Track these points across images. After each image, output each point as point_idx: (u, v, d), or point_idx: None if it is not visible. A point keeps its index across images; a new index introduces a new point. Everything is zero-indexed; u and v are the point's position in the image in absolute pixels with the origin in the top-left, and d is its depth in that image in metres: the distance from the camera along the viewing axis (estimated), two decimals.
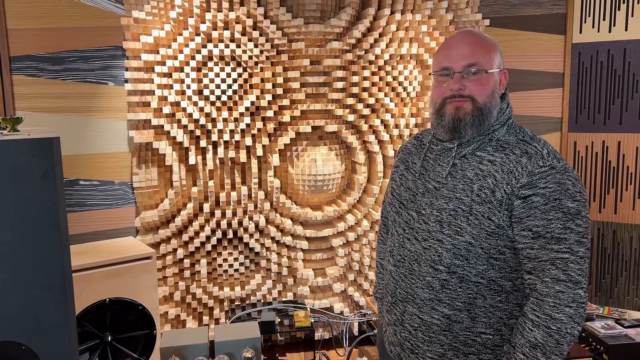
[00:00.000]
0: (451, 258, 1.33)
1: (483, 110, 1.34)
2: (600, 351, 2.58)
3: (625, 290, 3.40)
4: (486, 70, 1.34)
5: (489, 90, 1.34)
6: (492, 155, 1.34)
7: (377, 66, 3.05)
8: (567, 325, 1.23)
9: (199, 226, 3.00)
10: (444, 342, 1.37)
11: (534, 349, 1.25)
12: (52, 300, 1.20)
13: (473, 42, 1.35)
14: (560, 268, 1.23)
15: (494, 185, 1.29)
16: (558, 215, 1.23)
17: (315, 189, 3.06)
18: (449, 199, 1.35)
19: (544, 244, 1.25)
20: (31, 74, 2.82)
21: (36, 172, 1.16)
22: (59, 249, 1.17)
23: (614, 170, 3.36)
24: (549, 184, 1.25)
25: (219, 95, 2.89)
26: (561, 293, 1.23)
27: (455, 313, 1.35)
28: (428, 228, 1.37)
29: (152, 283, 2.65)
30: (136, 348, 2.62)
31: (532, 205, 1.25)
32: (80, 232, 2.95)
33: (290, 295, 3.18)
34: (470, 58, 1.33)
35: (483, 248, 1.30)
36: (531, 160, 1.28)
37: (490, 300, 1.33)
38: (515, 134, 1.37)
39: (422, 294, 1.38)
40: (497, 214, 1.28)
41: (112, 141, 2.96)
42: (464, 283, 1.33)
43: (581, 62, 3.37)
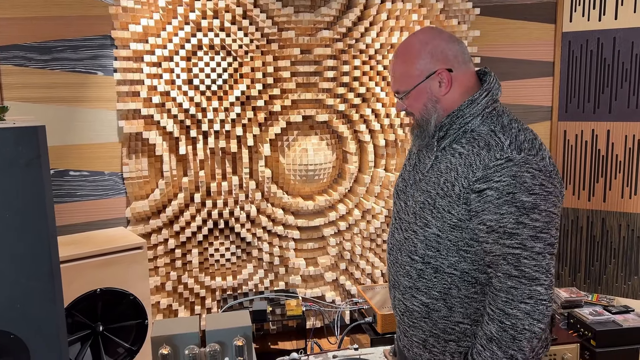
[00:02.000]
0: (424, 249, 1.35)
1: (420, 122, 1.41)
2: (588, 337, 2.61)
3: (613, 278, 3.44)
4: (409, 90, 1.38)
5: (420, 105, 1.38)
6: (463, 147, 1.32)
7: (368, 55, 3.05)
8: (523, 322, 1.21)
9: (190, 216, 3.00)
10: (425, 329, 1.40)
11: (490, 342, 1.26)
12: (40, 289, 1.20)
13: (394, 65, 1.41)
14: (512, 264, 1.22)
15: (455, 178, 1.29)
16: (511, 209, 1.21)
17: (307, 178, 3.06)
18: (422, 192, 1.37)
19: (496, 239, 1.23)
20: (19, 63, 2.79)
21: (21, 161, 1.16)
22: (46, 238, 1.17)
23: (603, 159, 3.38)
24: (503, 177, 1.22)
25: (209, 84, 2.88)
26: (514, 289, 1.22)
27: (432, 302, 1.37)
28: (408, 219, 1.40)
29: (143, 273, 2.65)
30: (128, 338, 2.63)
31: (487, 199, 1.23)
32: (71, 223, 2.94)
33: (282, 284, 3.20)
34: (395, 85, 1.41)
35: (450, 240, 1.31)
36: (490, 152, 1.25)
37: (464, 291, 1.34)
38: (489, 124, 1.33)
39: (403, 281, 1.42)
40: (455, 208, 1.28)
41: (102, 131, 2.95)
42: (439, 274, 1.34)
43: (571, 50, 3.38)
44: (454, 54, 1.35)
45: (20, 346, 1.19)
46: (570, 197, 3.50)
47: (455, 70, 1.35)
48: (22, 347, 1.19)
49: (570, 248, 3.55)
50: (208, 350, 2.00)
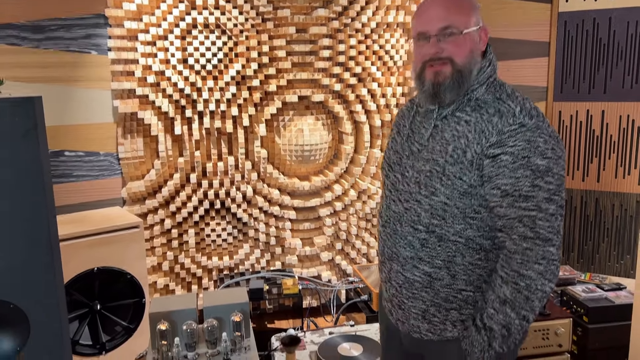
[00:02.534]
0: (429, 218, 1.35)
1: (462, 71, 1.33)
2: (581, 313, 2.65)
3: (606, 257, 3.47)
4: (462, 30, 1.32)
5: (467, 51, 1.33)
6: (469, 115, 1.34)
7: (364, 34, 3.04)
8: (536, 282, 1.25)
9: (186, 196, 3.01)
10: (426, 299, 1.41)
11: (503, 304, 1.28)
12: (39, 259, 1.20)
13: (447, 3, 1.34)
14: (528, 225, 1.24)
15: (466, 145, 1.30)
16: (526, 173, 1.23)
17: (303, 159, 3.06)
18: (426, 161, 1.37)
19: (512, 202, 1.25)
20: (11, 42, 2.76)
21: (18, 132, 1.16)
22: (45, 208, 1.17)
23: (598, 139, 3.39)
24: (518, 142, 1.25)
25: (203, 64, 2.87)
26: (529, 250, 1.25)
27: (435, 271, 1.38)
28: (409, 189, 1.40)
29: (140, 252, 2.66)
30: (125, 316, 2.64)
31: (501, 164, 1.25)
32: (67, 204, 2.94)
33: (279, 264, 3.22)
34: (444, 20, 1.32)
35: (458, 208, 1.32)
36: (502, 118, 1.28)
37: (469, 258, 1.35)
38: (494, 92, 1.35)
39: (404, 252, 1.42)
40: (467, 174, 1.29)
41: (97, 111, 2.93)
42: (443, 242, 1.35)
43: (567, 30, 3.37)
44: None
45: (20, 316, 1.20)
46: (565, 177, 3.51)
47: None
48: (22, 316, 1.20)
49: (563, 228, 3.57)
50: (206, 326, 2.02)
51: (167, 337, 1.99)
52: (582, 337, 2.65)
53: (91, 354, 2.55)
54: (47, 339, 1.25)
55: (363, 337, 2.38)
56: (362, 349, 2.29)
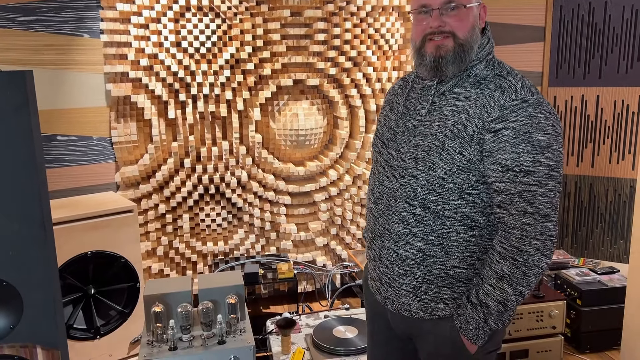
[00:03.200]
0: (425, 193, 1.35)
1: (464, 45, 1.33)
2: (575, 297, 2.66)
3: (600, 242, 3.49)
4: (465, 5, 1.32)
5: (469, 25, 1.33)
6: (468, 91, 1.34)
7: (359, 18, 3.01)
8: (534, 258, 1.25)
9: (180, 181, 2.99)
10: (418, 276, 1.40)
11: (500, 280, 1.28)
12: (31, 236, 1.19)
13: None
14: (528, 201, 1.24)
15: (467, 120, 1.30)
16: (527, 148, 1.24)
17: (297, 144, 3.05)
18: (424, 136, 1.36)
19: (512, 177, 1.25)
20: (2, 25, 2.72)
21: (9, 106, 1.14)
22: (36, 184, 1.15)
23: (592, 124, 3.40)
24: (519, 117, 1.25)
25: (197, 47, 2.84)
26: (528, 225, 1.25)
27: (429, 247, 1.37)
28: (405, 165, 1.39)
29: (134, 236, 2.64)
30: (120, 301, 2.64)
31: (502, 138, 1.25)
32: (60, 189, 2.91)
33: (274, 249, 3.21)
34: None
35: (456, 183, 1.32)
36: (504, 94, 1.28)
37: (463, 234, 1.35)
38: (493, 69, 1.36)
39: (397, 228, 1.41)
40: (468, 149, 1.29)
41: (89, 95, 2.90)
42: (438, 218, 1.35)
43: (562, 15, 3.36)
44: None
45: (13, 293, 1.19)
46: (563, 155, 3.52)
47: None
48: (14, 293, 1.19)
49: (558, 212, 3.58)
50: (201, 308, 2.01)
51: (161, 319, 1.99)
52: (576, 320, 2.67)
53: (85, 338, 2.54)
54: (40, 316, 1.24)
55: (358, 319, 2.38)
56: (357, 332, 2.30)
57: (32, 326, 1.22)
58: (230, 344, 1.98)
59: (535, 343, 2.44)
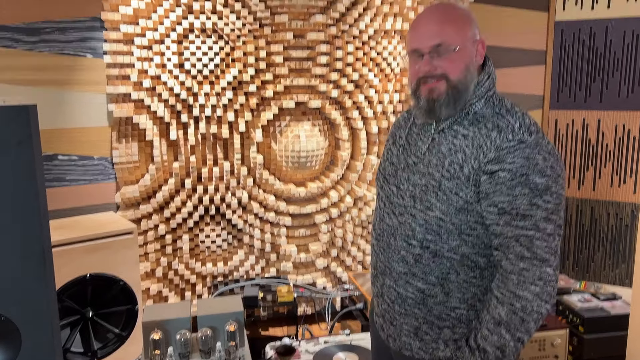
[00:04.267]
0: (424, 233, 1.32)
1: (458, 87, 1.30)
2: (577, 323, 2.64)
3: (601, 266, 3.48)
4: (455, 47, 1.28)
5: (462, 66, 1.29)
6: (467, 129, 1.31)
7: (362, 41, 3.03)
8: (532, 304, 1.21)
9: (180, 202, 2.98)
10: (419, 316, 1.37)
11: (498, 326, 1.24)
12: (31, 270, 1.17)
13: (440, 19, 1.30)
14: (525, 245, 1.21)
15: (463, 160, 1.27)
16: (524, 191, 1.20)
17: (299, 165, 3.05)
18: (422, 175, 1.34)
19: (509, 220, 1.22)
20: (6, 45, 2.73)
21: (12, 141, 1.13)
22: (38, 219, 1.14)
23: (594, 148, 3.40)
24: (516, 159, 1.21)
25: (200, 69, 2.85)
26: (525, 270, 1.21)
27: (429, 287, 1.35)
28: (404, 203, 1.37)
29: (134, 258, 2.63)
30: (118, 323, 2.61)
31: (499, 180, 1.22)
32: (60, 208, 2.90)
33: (274, 271, 3.19)
34: (437, 37, 1.28)
35: (454, 224, 1.29)
36: (501, 134, 1.25)
37: (463, 275, 1.32)
38: (493, 107, 1.32)
39: (397, 267, 1.38)
40: (464, 190, 1.26)
41: (91, 115, 2.90)
42: (437, 258, 1.32)
43: (564, 39, 3.38)
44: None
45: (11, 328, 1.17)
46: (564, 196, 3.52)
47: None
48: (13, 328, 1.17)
49: None
50: (200, 335, 1.99)
51: (160, 346, 1.97)
52: (578, 347, 2.64)
53: None
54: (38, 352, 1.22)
55: (358, 346, 2.36)
56: (357, 359, 2.27)
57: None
58: None
59: None
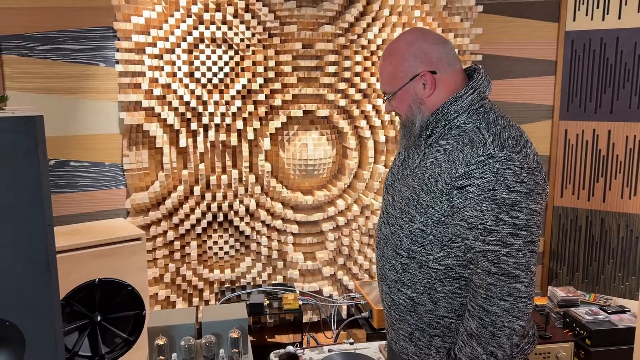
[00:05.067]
0: (409, 244, 1.36)
1: (405, 123, 1.43)
2: (584, 336, 2.62)
3: (611, 278, 3.44)
4: (394, 93, 1.40)
5: (406, 105, 1.41)
6: (448, 143, 1.33)
7: (370, 51, 3.05)
8: (502, 319, 1.22)
9: (189, 209, 3.02)
10: (411, 322, 1.41)
11: (470, 338, 1.27)
12: (36, 278, 1.21)
13: (382, 69, 1.43)
14: (492, 260, 1.22)
15: (438, 175, 1.30)
16: (491, 206, 1.21)
17: (306, 173, 3.07)
18: (408, 187, 1.38)
19: (477, 235, 1.24)
20: (21, 53, 2.80)
21: (19, 151, 1.17)
22: (43, 228, 1.17)
23: (604, 159, 3.38)
24: (484, 174, 1.22)
25: (210, 77, 2.89)
26: (493, 286, 1.23)
27: (417, 296, 1.38)
28: (395, 214, 1.41)
29: (142, 264, 2.66)
30: (125, 328, 2.64)
31: (468, 195, 1.23)
32: (71, 213, 2.96)
33: (280, 278, 3.21)
34: (382, 87, 1.44)
35: (435, 235, 1.31)
36: (472, 149, 1.26)
37: (449, 286, 1.34)
38: (475, 120, 1.33)
39: (390, 275, 1.43)
40: (438, 204, 1.28)
41: (103, 122, 2.95)
42: (423, 268, 1.35)
43: (574, 50, 3.37)
44: (439, 56, 1.36)
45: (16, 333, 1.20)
46: (570, 197, 3.50)
47: (439, 72, 1.36)
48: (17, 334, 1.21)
49: (568, 248, 3.55)
50: (204, 342, 2.02)
51: (164, 352, 1.99)
52: None
53: None
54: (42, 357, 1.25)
55: (362, 355, 2.36)
56: None
57: None
58: None
59: None
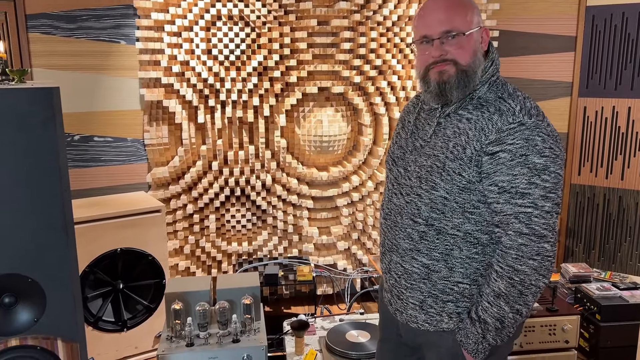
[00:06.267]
0: (428, 211, 1.40)
1: (467, 71, 1.35)
2: (594, 311, 2.64)
3: (628, 256, 3.42)
4: (464, 32, 1.34)
5: (471, 52, 1.36)
6: (470, 113, 1.38)
7: (385, 27, 3.06)
8: (530, 277, 1.29)
9: (208, 183, 3.11)
10: (424, 290, 1.45)
11: (497, 298, 1.32)
12: (55, 238, 1.30)
13: (447, 6, 1.35)
14: (524, 222, 1.28)
15: (466, 142, 1.34)
16: (523, 170, 1.27)
17: (321, 149, 3.12)
18: (428, 156, 1.42)
19: (508, 199, 1.29)
20: (46, 31, 2.90)
21: (37, 120, 1.25)
22: (60, 192, 1.27)
23: (623, 136, 3.34)
24: (516, 140, 1.28)
25: (227, 55, 2.95)
26: (524, 246, 1.28)
27: (433, 263, 1.42)
28: (410, 183, 1.44)
29: (162, 235, 2.78)
30: (146, 296, 2.77)
31: (499, 161, 1.29)
32: (95, 187, 3.08)
33: (296, 251, 3.30)
34: (446, 24, 1.34)
35: (457, 202, 1.36)
36: (502, 117, 1.31)
37: (466, 251, 1.39)
38: (496, 91, 1.38)
39: (403, 244, 1.46)
40: (467, 170, 1.33)
41: (125, 99, 3.05)
42: (441, 235, 1.40)
43: (595, 25, 3.31)
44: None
45: (37, 289, 1.31)
46: (588, 175, 3.48)
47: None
48: (38, 290, 1.31)
49: (585, 225, 3.54)
50: (217, 308, 2.12)
51: (180, 316, 2.10)
52: (594, 335, 2.64)
53: (113, 330, 2.69)
54: (61, 312, 1.35)
55: (371, 324, 2.43)
56: (370, 337, 2.35)
57: (54, 320, 1.34)
58: (244, 342, 2.07)
59: (547, 357, 2.44)
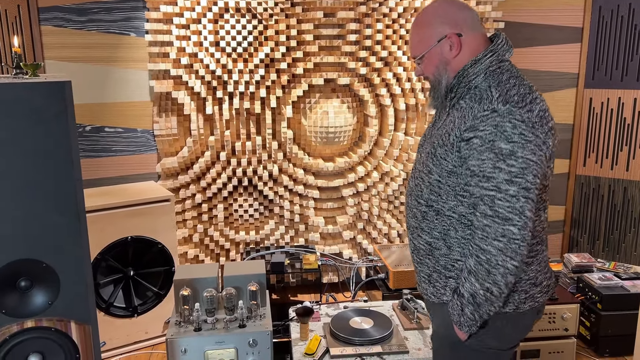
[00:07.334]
0: (428, 194, 1.50)
1: (433, 83, 1.53)
2: (595, 300, 2.67)
3: (632, 247, 3.45)
4: (423, 54, 1.50)
5: (434, 67, 1.51)
6: (465, 102, 1.45)
7: (391, 19, 3.08)
8: (497, 258, 1.34)
9: (216, 173, 3.17)
10: (429, 265, 1.56)
11: (469, 274, 1.41)
12: (68, 226, 1.37)
13: (413, 32, 1.53)
14: (487, 204, 1.35)
15: (451, 129, 1.43)
16: (490, 155, 1.34)
17: (327, 140, 3.17)
18: (429, 144, 1.52)
19: (477, 182, 1.37)
20: (58, 24, 2.97)
21: (51, 112, 1.31)
22: (72, 180, 1.33)
23: (629, 128, 3.35)
24: (487, 127, 1.35)
25: (234, 47, 2.99)
26: (488, 227, 1.35)
27: (434, 241, 1.52)
28: (419, 168, 1.56)
29: (171, 224, 2.85)
30: (156, 283, 2.85)
31: (472, 146, 1.37)
32: (106, 176, 3.16)
33: (302, 240, 3.36)
34: (413, 50, 1.54)
35: (449, 185, 1.45)
36: (480, 104, 1.39)
37: (461, 232, 1.47)
38: (490, 81, 1.44)
39: (412, 222, 1.59)
40: (450, 155, 1.42)
41: (135, 90, 3.12)
42: (440, 216, 1.49)
43: (601, 16, 3.31)
44: (463, 20, 1.48)
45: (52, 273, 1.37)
46: (593, 165, 3.49)
47: (464, 35, 1.47)
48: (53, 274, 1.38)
49: (590, 216, 3.56)
50: (224, 294, 2.18)
51: (188, 302, 2.17)
52: (595, 324, 2.68)
53: (124, 316, 2.77)
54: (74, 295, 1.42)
55: (375, 312, 2.49)
56: (373, 323, 2.40)
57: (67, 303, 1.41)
58: (250, 328, 2.14)
59: (547, 344, 2.48)
